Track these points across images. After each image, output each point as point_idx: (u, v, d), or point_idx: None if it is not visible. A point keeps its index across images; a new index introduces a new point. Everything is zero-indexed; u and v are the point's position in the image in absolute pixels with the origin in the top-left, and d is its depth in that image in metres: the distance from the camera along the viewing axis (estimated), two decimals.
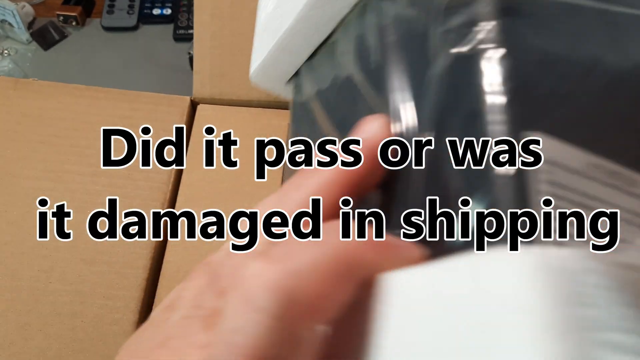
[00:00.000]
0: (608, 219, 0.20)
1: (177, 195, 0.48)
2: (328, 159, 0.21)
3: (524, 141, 0.21)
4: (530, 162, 0.20)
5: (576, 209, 0.19)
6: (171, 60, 0.79)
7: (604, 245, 0.20)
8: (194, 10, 0.54)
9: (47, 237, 0.46)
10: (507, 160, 0.20)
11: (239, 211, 0.44)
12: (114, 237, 0.46)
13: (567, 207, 0.19)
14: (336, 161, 0.20)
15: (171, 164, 0.50)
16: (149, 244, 0.46)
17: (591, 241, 0.20)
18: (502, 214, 0.20)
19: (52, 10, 0.82)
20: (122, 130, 0.52)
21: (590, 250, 0.20)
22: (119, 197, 0.47)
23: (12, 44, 0.80)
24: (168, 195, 0.48)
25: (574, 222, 0.20)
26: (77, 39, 0.81)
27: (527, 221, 0.20)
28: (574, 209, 0.19)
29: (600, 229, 0.20)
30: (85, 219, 0.46)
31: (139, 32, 0.82)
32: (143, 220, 0.46)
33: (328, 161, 0.21)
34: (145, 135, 0.51)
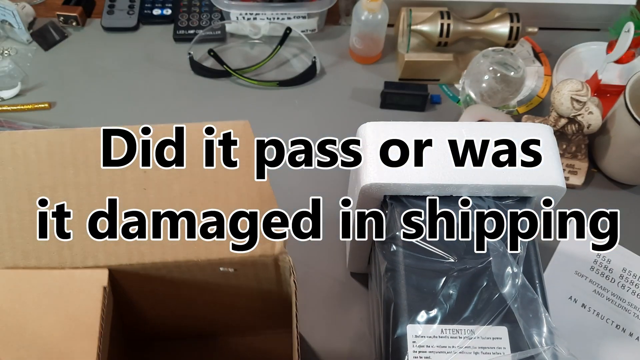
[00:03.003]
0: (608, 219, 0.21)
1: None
2: (328, 159, 0.21)
3: (524, 141, 0.22)
4: (530, 163, 0.22)
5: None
6: (171, 61, 0.79)
7: (604, 245, 0.21)
8: None
9: (47, 237, 0.46)
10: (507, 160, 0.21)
11: (239, 211, 0.44)
12: (114, 237, 0.46)
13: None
14: (336, 161, 0.20)
15: (171, 164, 0.49)
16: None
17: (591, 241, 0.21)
18: (502, 214, 0.21)
19: (52, 11, 0.82)
20: (122, 130, 0.51)
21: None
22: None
23: (13, 44, 0.80)
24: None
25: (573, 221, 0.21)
26: (77, 39, 0.81)
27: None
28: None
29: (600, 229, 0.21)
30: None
31: (139, 32, 0.82)
32: (143, 220, 0.46)
33: (328, 161, 0.21)
34: (145, 135, 0.51)
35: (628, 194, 0.68)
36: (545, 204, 0.46)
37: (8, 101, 0.74)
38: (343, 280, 0.61)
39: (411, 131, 0.45)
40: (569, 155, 0.68)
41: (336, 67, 0.79)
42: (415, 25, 0.72)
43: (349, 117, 0.73)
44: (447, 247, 0.43)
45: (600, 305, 0.59)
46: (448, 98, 0.76)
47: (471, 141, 0.45)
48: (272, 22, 0.78)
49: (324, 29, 0.83)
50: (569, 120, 0.65)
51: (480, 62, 0.69)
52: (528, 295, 0.40)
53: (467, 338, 0.40)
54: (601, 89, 0.73)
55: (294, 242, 0.62)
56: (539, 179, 0.43)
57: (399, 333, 0.40)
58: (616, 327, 0.58)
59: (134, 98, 0.75)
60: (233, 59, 0.79)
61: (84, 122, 0.73)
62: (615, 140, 0.65)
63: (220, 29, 0.81)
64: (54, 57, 0.79)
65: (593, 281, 0.60)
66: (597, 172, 0.69)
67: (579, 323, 0.58)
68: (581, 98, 0.62)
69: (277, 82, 0.76)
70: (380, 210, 0.46)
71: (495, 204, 0.44)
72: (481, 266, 0.42)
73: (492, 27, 0.72)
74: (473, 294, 0.41)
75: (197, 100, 0.75)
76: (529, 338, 0.39)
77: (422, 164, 0.44)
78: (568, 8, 0.78)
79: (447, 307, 0.41)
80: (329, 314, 0.59)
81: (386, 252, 0.44)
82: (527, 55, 0.79)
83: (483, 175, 0.44)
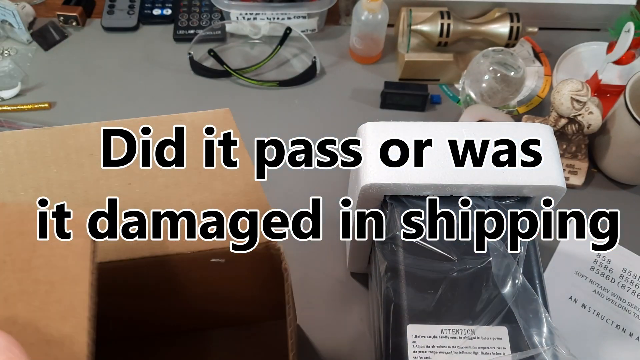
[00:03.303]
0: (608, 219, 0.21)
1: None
2: (328, 159, 0.21)
3: (524, 141, 0.22)
4: (530, 163, 0.22)
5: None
6: (171, 61, 0.79)
7: (604, 245, 0.21)
8: None
9: (47, 237, 0.46)
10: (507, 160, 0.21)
11: (239, 211, 0.44)
12: (114, 237, 0.46)
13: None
14: (336, 161, 0.20)
15: (171, 164, 0.49)
16: None
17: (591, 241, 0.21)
18: (501, 214, 0.21)
19: (52, 11, 0.82)
20: (122, 130, 0.51)
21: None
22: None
23: (13, 44, 0.80)
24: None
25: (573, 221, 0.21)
26: (77, 39, 0.81)
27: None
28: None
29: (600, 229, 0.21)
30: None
31: (139, 32, 0.82)
32: (143, 220, 0.46)
33: (328, 161, 0.21)
34: (145, 135, 0.51)
35: (628, 194, 0.68)
36: (545, 204, 0.46)
37: (8, 101, 0.74)
38: (343, 280, 0.61)
39: (411, 131, 0.45)
40: (569, 156, 0.68)
41: (336, 67, 0.79)
42: (415, 25, 0.72)
43: (349, 117, 0.72)
44: (447, 248, 0.43)
45: (601, 306, 0.59)
46: (448, 98, 0.76)
47: (471, 141, 0.45)
48: (272, 22, 0.78)
49: (324, 29, 0.83)
50: (569, 121, 0.65)
51: (480, 62, 0.69)
52: (528, 296, 0.40)
53: (467, 338, 0.40)
54: (601, 89, 0.73)
55: (294, 242, 0.62)
56: (539, 179, 0.43)
57: (399, 333, 0.40)
58: (616, 327, 0.58)
59: (134, 98, 0.75)
60: (233, 59, 0.79)
61: (83, 122, 0.72)
62: (616, 140, 0.65)
63: (220, 29, 0.81)
64: (54, 57, 0.79)
65: (593, 281, 0.60)
66: (597, 172, 0.69)
67: (579, 323, 0.58)
68: (581, 98, 0.62)
69: (277, 82, 0.76)
70: (380, 211, 0.46)
71: (495, 204, 0.44)
72: (481, 266, 0.42)
73: (492, 27, 0.72)
74: (473, 294, 0.41)
75: (197, 100, 0.75)
76: (529, 338, 0.39)
77: (422, 164, 0.44)
78: (568, 8, 0.78)
79: (447, 307, 0.41)
80: (329, 314, 0.59)
81: (386, 252, 0.44)
82: (527, 55, 0.79)
83: (483, 175, 0.43)
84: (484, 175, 0.44)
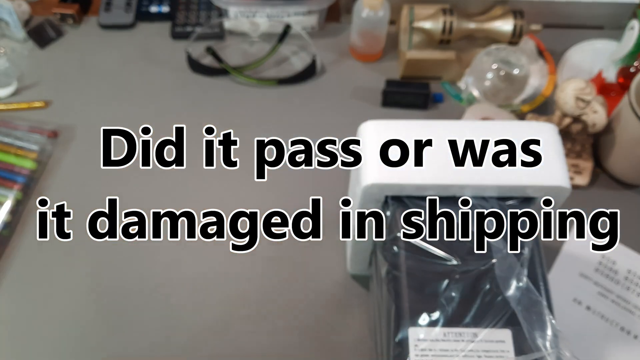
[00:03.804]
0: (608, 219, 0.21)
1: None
2: (328, 159, 0.20)
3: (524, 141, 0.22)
4: (530, 162, 0.22)
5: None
6: (169, 58, 0.78)
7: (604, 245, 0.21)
8: None
9: (47, 237, 0.45)
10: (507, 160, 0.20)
11: (239, 211, 0.43)
12: (114, 237, 0.45)
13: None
14: (336, 161, 0.20)
15: (171, 164, 0.49)
16: None
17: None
18: (502, 214, 0.21)
19: (48, 8, 0.81)
20: (122, 130, 0.51)
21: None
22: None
23: (8, 42, 0.79)
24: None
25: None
26: (73, 37, 0.81)
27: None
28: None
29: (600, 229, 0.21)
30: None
31: (137, 29, 0.82)
32: (143, 220, 0.45)
33: (328, 161, 0.20)
34: (145, 135, 0.50)
35: (633, 194, 0.67)
36: (544, 204, 0.45)
37: (3, 100, 0.73)
38: (343, 281, 0.60)
39: (413, 130, 0.44)
40: (573, 155, 0.67)
41: (336, 65, 0.78)
42: (417, 22, 0.71)
43: (349, 116, 0.72)
44: (449, 249, 0.42)
45: (605, 308, 0.58)
46: (450, 96, 0.75)
47: (471, 141, 0.44)
48: (271, 20, 0.77)
49: (324, 26, 0.82)
50: (573, 120, 0.64)
51: (483, 60, 0.68)
52: (532, 298, 0.40)
53: (470, 341, 0.39)
54: (606, 87, 0.72)
55: (294, 242, 0.61)
56: (543, 179, 0.43)
57: (401, 336, 0.39)
58: (621, 330, 0.57)
59: (131, 96, 0.74)
60: (231, 57, 0.78)
61: (80, 120, 0.72)
62: (620, 139, 0.64)
63: (219, 27, 0.80)
64: (50, 55, 0.78)
65: (598, 283, 0.60)
66: (602, 172, 0.68)
67: (584, 325, 0.57)
68: (586, 97, 0.61)
69: (276, 81, 0.75)
70: (380, 211, 0.46)
71: (498, 204, 0.43)
72: (484, 268, 0.41)
73: (496, 25, 0.71)
74: (476, 297, 0.40)
75: (195, 98, 0.74)
76: (532, 341, 0.38)
77: (422, 164, 0.43)
78: (572, 6, 0.77)
79: (449, 309, 0.40)
80: (329, 315, 0.58)
81: (387, 254, 0.43)
82: (531, 53, 0.78)
83: (485, 175, 0.43)
84: (486, 176, 0.43)
